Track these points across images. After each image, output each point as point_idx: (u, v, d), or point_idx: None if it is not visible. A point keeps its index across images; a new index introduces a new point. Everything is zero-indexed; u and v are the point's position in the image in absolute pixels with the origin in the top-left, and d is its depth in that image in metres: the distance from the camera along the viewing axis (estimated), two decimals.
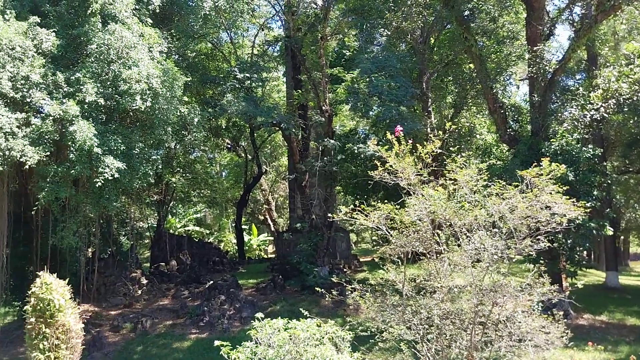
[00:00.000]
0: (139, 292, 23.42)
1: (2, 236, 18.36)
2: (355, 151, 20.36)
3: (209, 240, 39.38)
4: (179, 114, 17.89)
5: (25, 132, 14.97)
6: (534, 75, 20.17)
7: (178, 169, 29.07)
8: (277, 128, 25.50)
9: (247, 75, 22.03)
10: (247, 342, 7.95)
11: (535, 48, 19.81)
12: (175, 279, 26.06)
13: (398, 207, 8.85)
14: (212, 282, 23.38)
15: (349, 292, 9.40)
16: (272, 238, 41.64)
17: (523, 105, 26.60)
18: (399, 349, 8.89)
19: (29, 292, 9.49)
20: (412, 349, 8.80)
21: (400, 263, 9.10)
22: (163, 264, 28.07)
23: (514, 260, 8.27)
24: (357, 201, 9.22)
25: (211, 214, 45.18)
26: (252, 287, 24.40)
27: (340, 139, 23.66)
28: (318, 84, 22.25)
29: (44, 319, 9.28)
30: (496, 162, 20.74)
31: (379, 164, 9.02)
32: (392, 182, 9.01)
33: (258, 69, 23.57)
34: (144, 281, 24.35)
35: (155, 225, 32.36)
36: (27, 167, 14.85)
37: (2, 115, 14.44)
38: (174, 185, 29.86)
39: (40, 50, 15.89)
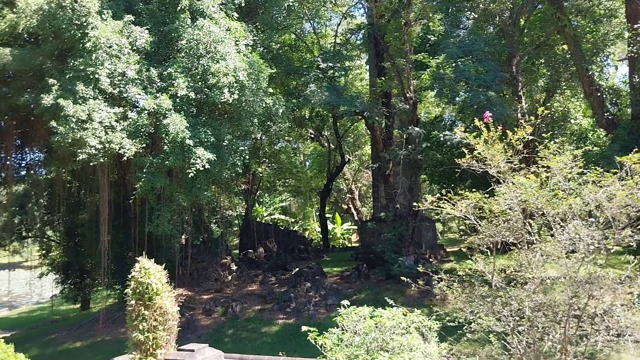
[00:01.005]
0: (229, 277, 24.32)
1: (104, 224, 19.67)
2: (441, 139, 19.85)
3: (294, 229, 40.13)
4: (264, 105, 18.28)
5: (123, 125, 15.91)
6: (634, 55, 18.72)
7: (264, 159, 29.78)
8: (360, 117, 25.40)
9: (330, 64, 22.08)
10: (333, 329, 8.01)
11: (635, 26, 18.38)
12: (263, 266, 26.80)
13: (487, 195, 8.53)
14: (297, 269, 23.81)
15: (436, 282, 9.21)
16: (355, 227, 41.72)
17: (622, 87, 24.79)
18: (488, 341, 8.62)
19: (129, 276, 10.08)
20: (502, 341, 8.50)
21: (489, 253, 8.78)
22: (251, 251, 28.95)
23: (612, 252, 7.73)
24: (443, 190, 8.99)
25: (296, 202, 45.96)
26: (337, 275, 24.59)
27: (425, 126, 23.16)
28: (402, 70, 21.87)
29: (143, 302, 9.83)
30: (592, 148, 19.48)
31: (466, 151, 8.73)
32: (481, 170, 8.69)
33: (341, 58, 23.56)
34: (234, 267, 25.26)
35: (243, 214, 33.41)
36: (125, 158, 15.79)
37: (102, 110, 15.44)
38: (260, 175, 30.65)
39: (135, 48, 16.78)
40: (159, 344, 9.89)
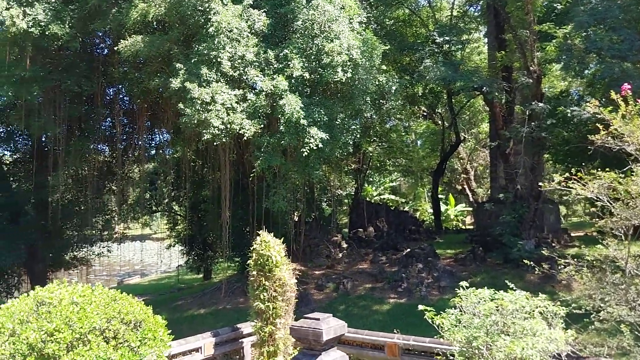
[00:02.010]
0: (340, 255, 24.73)
1: (226, 200, 20.77)
2: (568, 114, 18.49)
3: (404, 209, 39.77)
4: (377, 83, 18.15)
5: (243, 106, 16.57)
6: None
7: (374, 138, 29.66)
8: (477, 93, 24.36)
9: (447, 38, 21.32)
10: (450, 309, 7.90)
11: None
12: (373, 245, 26.92)
13: (622, 175, 7.84)
14: (409, 249, 23.63)
15: (562, 266, 8.67)
16: (470, 208, 40.45)
17: None
18: (619, 331, 8.00)
19: (251, 249, 10.59)
20: (635, 332, 7.85)
21: (623, 238, 8.10)
22: (361, 230, 29.18)
23: None
24: (571, 169, 8.38)
25: (406, 182, 45.44)
26: (450, 258, 24.08)
27: (550, 101, 21.67)
28: (524, 42, 20.56)
29: (263, 273, 10.30)
30: None
31: (601, 127, 8.05)
32: (617, 148, 7.98)
33: (458, 31, 22.65)
34: (344, 245, 25.63)
35: (353, 193, 33.66)
36: (245, 138, 16.47)
37: (224, 92, 16.17)
38: (371, 154, 30.60)
39: (253, 31, 17.33)
40: (278, 313, 10.34)
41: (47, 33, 18.79)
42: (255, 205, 21.82)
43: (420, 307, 8.04)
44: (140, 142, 29.28)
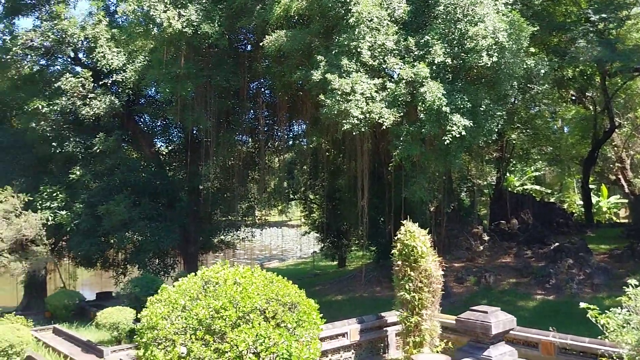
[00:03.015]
0: (481, 247, 23.85)
1: (364, 189, 20.94)
2: None
3: (550, 200, 37.21)
4: (525, 66, 17.13)
5: (382, 95, 16.55)
6: None
7: (518, 124, 28.03)
8: (637, 74, 21.99)
9: (603, 16, 19.44)
10: (616, 309, 7.40)
11: None
12: (517, 238, 25.58)
13: None
14: (557, 244, 22.13)
15: None
16: (625, 200, 36.76)
17: None
18: None
19: (395, 239, 10.57)
20: None
21: None
22: (503, 221, 27.84)
23: None
24: None
25: (551, 172, 42.44)
26: (604, 253, 22.15)
27: None
28: None
29: (408, 263, 10.25)
30: None
31: None
32: None
33: (616, 7, 20.54)
34: (485, 237, 24.65)
35: (493, 183, 32.20)
36: (383, 127, 16.43)
37: (363, 82, 16.26)
38: (514, 142, 29.01)
39: (393, 18, 17.19)
40: (424, 304, 10.23)
41: (199, 32, 20.25)
42: (391, 194, 21.74)
43: (582, 304, 7.64)
44: (279, 133, 30.57)
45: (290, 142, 32.52)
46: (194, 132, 27.37)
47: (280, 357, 7.31)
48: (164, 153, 31.56)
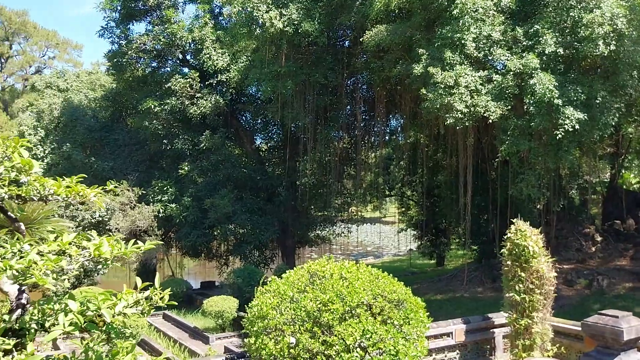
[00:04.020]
0: (592, 249, 22.35)
1: (465, 186, 20.32)
2: None
3: None
4: None
5: (488, 88, 15.95)
6: None
7: (636, 117, 25.85)
8: None
9: None
10: None
11: None
12: (634, 239, 23.65)
13: None
14: None
15: None
16: None
17: None
18: None
19: (505, 238, 10.14)
20: None
21: None
22: (618, 221, 25.83)
23: None
24: None
25: None
26: None
27: None
28: None
29: (519, 263, 9.78)
30: None
31: None
32: None
33: None
34: (598, 238, 23.05)
35: (607, 180, 29.98)
36: (490, 121, 15.83)
37: (468, 75, 15.75)
38: (631, 136, 26.81)
39: (500, 8, 16.50)
40: (535, 306, 9.75)
41: (299, 31, 20.61)
42: (496, 192, 20.93)
43: None
44: (376, 129, 30.45)
45: (387, 138, 32.30)
46: (293, 128, 27.98)
47: (387, 354, 7.26)
48: (264, 149, 32.58)
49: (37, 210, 14.32)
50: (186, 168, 26.09)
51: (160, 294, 3.74)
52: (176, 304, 4.23)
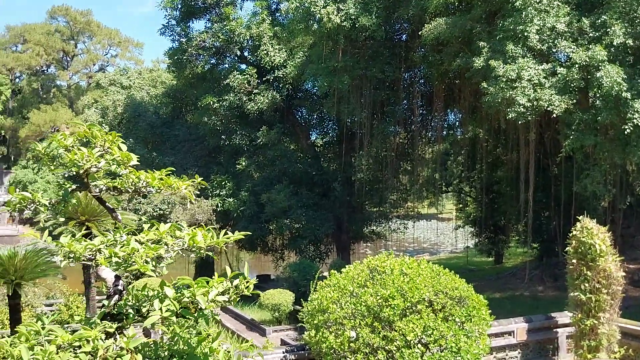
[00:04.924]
0: None
1: (527, 182, 19.78)
2: None
3: None
4: None
5: (552, 81, 15.44)
6: None
7: None
8: None
9: None
10: None
11: None
12: None
13: None
14: None
15: None
16: None
17: None
18: None
19: (570, 235, 9.85)
20: None
21: None
22: None
23: None
24: None
25: None
26: None
27: None
28: None
29: (585, 262, 9.49)
30: None
31: None
32: None
33: None
34: None
35: None
36: (553, 115, 15.36)
37: (531, 68, 15.32)
38: None
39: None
40: (601, 307, 9.46)
41: (356, 25, 20.60)
42: (558, 188, 20.27)
43: None
44: (433, 124, 30.02)
45: (445, 132, 31.77)
46: (348, 123, 28.03)
47: (448, 351, 7.24)
48: (319, 145, 32.74)
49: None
50: (243, 163, 26.60)
51: (247, 283, 3.89)
52: (259, 292, 4.41)
